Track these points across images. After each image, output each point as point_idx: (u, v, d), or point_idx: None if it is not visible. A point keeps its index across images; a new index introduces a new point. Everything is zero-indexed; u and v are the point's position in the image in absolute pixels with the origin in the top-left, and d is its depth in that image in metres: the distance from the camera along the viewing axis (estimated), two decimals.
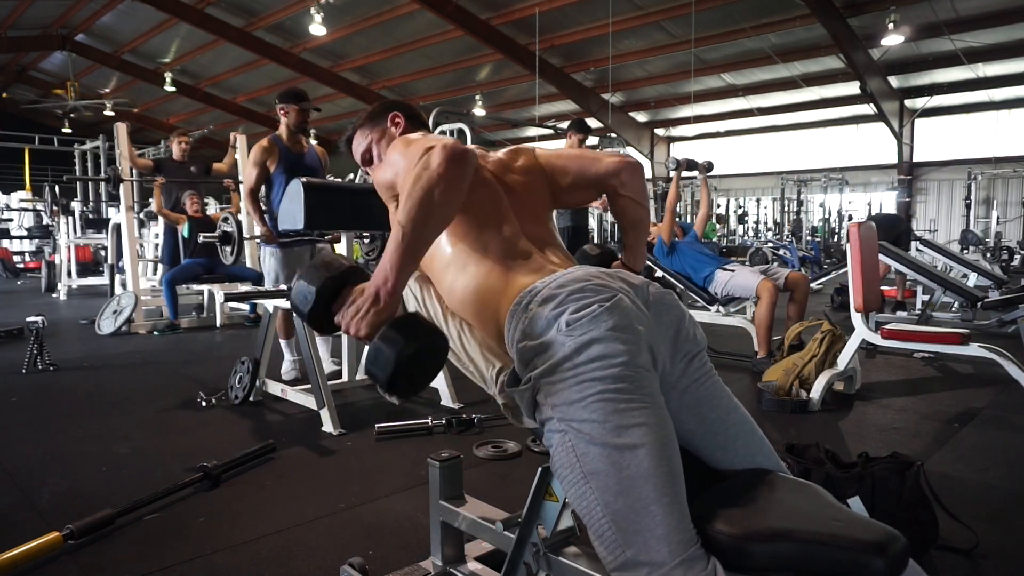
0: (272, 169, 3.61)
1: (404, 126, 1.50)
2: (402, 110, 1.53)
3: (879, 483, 1.76)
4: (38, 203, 12.69)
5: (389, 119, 1.51)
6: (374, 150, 1.52)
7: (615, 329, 1.03)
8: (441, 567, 1.51)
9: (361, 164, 1.56)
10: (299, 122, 3.67)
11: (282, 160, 3.62)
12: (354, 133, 1.56)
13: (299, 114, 3.65)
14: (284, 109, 3.65)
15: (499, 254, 1.24)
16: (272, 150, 3.61)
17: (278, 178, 3.60)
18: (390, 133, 1.50)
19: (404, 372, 1.02)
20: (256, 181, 3.60)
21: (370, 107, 1.57)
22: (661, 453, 0.98)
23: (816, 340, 3.43)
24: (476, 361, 1.31)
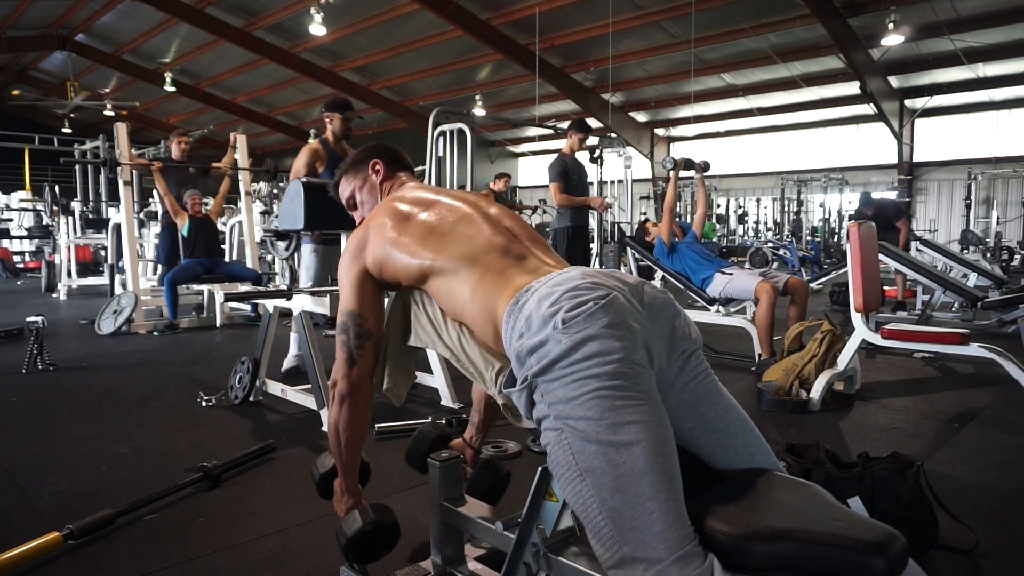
0: (320, 171, 3.76)
1: (383, 172, 1.62)
2: (381, 155, 1.63)
3: (879, 483, 1.76)
4: (38, 203, 12.69)
5: (370, 167, 1.63)
6: (357, 196, 1.65)
7: (610, 326, 1.04)
8: (441, 567, 1.51)
9: (347, 208, 1.68)
10: (343, 130, 3.89)
11: (330, 163, 3.75)
12: (339, 179, 1.68)
13: (343, 122, 3.87)
14: (329, 117, 3.88)
15: (490, 258, 1.27)
16: (321, 153, 3.79)
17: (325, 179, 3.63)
18: (371, 180, 1.63)
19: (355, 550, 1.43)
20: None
21: (355, 153, 1.68)
22: (657, 450, 0.98)
23: (816, 340, 3.43)
24: (476, 361, 1.31)
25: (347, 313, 1.44)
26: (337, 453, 1.49)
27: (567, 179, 4.90)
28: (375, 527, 1.42)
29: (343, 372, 1.43)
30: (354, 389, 1.44)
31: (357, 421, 1.46)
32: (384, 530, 1.45)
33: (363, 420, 1.47)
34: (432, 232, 1.35)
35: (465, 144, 5.92)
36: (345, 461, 1.49)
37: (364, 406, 1.46)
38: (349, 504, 1.51)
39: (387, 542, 1.47)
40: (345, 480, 1.52)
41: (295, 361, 3.90)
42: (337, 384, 1.44)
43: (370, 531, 1.41)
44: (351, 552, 1.43)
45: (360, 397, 1.45)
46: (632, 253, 5.20)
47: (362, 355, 1.43)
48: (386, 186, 1.61)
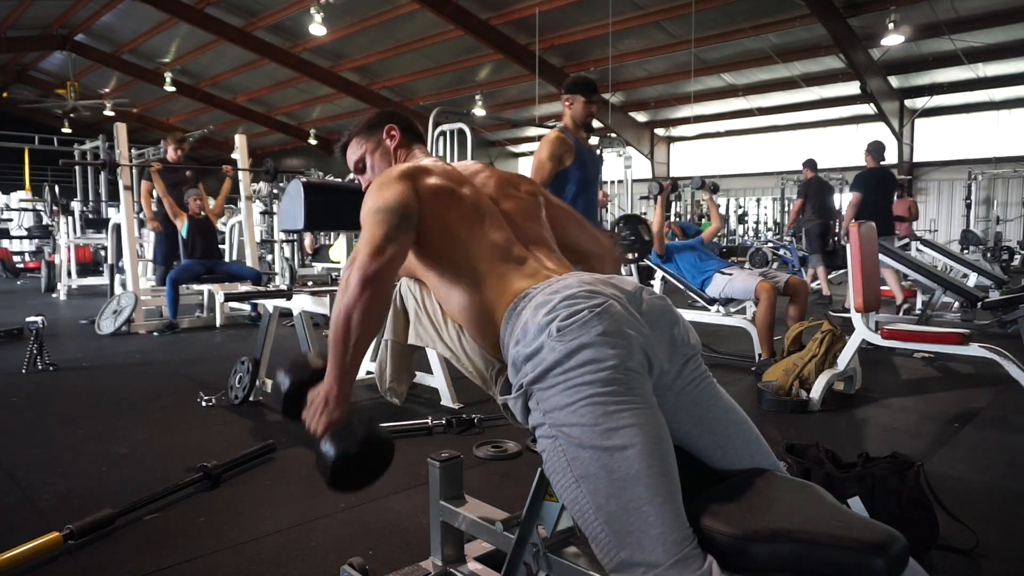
0: (567, 164, 3.16)
1: (399, 139, 1.53)
2: (398, 122, 1.54)
3: (879, 483, 1.76)
4: (38, 203, 12.69)
5: (385, 131, 1.53)
6: (367, 160, 1.54)
7: (605, 334, 1.03)
8: (441, 567, 1.51)
9: (354, 172, 1.58)
10: (584, 115, 3.24)
11: (577, 155, 3.17)
12: (350, 140, 1.58)
13: (585, 107, 3.22)
14: (569, 100, 3.25)
15: (492, 261, 1.25)
16: (567, 144, 3.15)
17: (573, 174, 3.15)
18: (384, 145, 1.53)
19: (342, 474, 1.15)
20: (548, 177, 3.12)
21: (367, 116, 1.58)
22: (652, 453, 0.98)
23: (816, 340, 3.43)
24: (476, 361, 1.31)
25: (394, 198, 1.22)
26: (341, 350, 1.17)
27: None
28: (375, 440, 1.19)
29: (375, 248, 1.16)
30: (385, 270, 1.16)
31: (379, 312, 1.19)
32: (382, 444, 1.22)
33: (384, 313, 1.24)
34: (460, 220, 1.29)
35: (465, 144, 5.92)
36: (349, 361, 1.18)
37: (389, 297, 1.24)
38: (335, 416, 1.19)
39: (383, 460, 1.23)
40: (340, 386, 1.19)
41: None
42: (361, 262, 1.15)
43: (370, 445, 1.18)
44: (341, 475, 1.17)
45: (389, 284, 1.21)
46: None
47: (404, 238, 1.20)
48: (400, 153, 1.53)
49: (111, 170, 5.74)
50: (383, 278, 1.16)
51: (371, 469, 1.21)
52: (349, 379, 1.20)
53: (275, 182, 8.45)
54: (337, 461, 1.15)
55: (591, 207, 3.22)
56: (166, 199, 5.59)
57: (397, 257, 1.19)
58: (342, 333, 1.16)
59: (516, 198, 1.40)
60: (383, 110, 1.60)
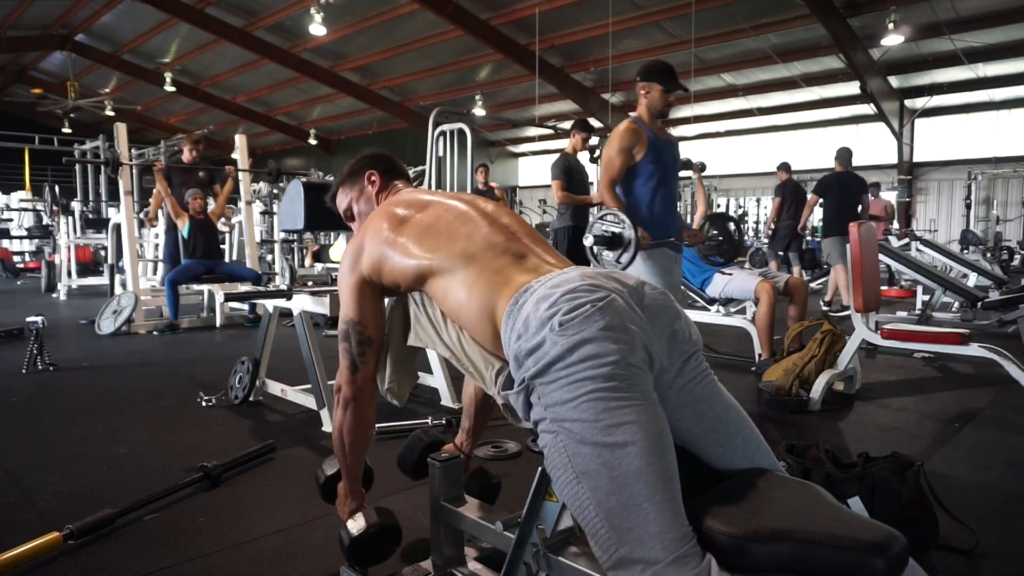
0: (639, 157, 2.97)
1: (379, 183, 1.63)
2: (377, 166, 1.64)
3: (879, 483, 1.76)
4: (38, 203, 12.69)
5: (365, 178, 1.63)
6: (354, 208, 1.66)
7: (607, 329, 1.03)
8: (441, 567, 1.51)
9: (344, 220, 1.69)
10: (662, 106, 3.01)
11: (650, 147, 2.98)
12: (336, 191, 1.69)
13: (663, 96, 3.00)
14: (645, 88, 3.01)
15: (488, 256, 1.27)
16: (639, 135, 2.96)
17: (644, 168, 2.97)
18: (367, 191, 1.64)
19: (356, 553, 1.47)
20: (619, 171, 2.96)
21: (350, 164, 1.69)
22: (652, 450, 0.98)
23: (816, 340, 3.43)
24: (475, 361, 1.31)
25: (347, 321, 1.45)
26: (341, 456, 1.52)
27: (569, 178, 4.91)
28: (378, 530, 1.45)
29: (347, 378, 1.46)
30: (358, 394, 1.46)
31: (361, 425, 1.49)
32: (387, 533, 1.47)
33: (367, 424, 1.50)
34: (428, 231, 1.35)
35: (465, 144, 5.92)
36: (349, 464, 1.53)
37: (368, 411, 1.49)
38: (352, 507, 1.54)
39: (389, 545, 1.49)
40: (349, 483, 1.55)
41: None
42: (342, 389, 1.46)
43: (373, 534, 1.44)
44: (354, 554, 1.46)
45: (364, 402, 1.47)
46: None
47: (364, 362, 1.45)
48: (382, 196, 1.62)
49: (114, 168, 5.71)
50: (359, 398, 1.47)
51: (380, 549, 1.49)
52: (356, 477, 1.55)
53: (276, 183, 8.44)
54: (351, 545, 1.45)
55: (669, 203, 3.04)
56: (169, 199, 5.60)
57: (366, 376, 1.47)
58: (338, 445, 1.51)
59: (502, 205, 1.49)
60: (364, 155, 1.69)
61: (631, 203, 2.99)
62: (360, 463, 1.55)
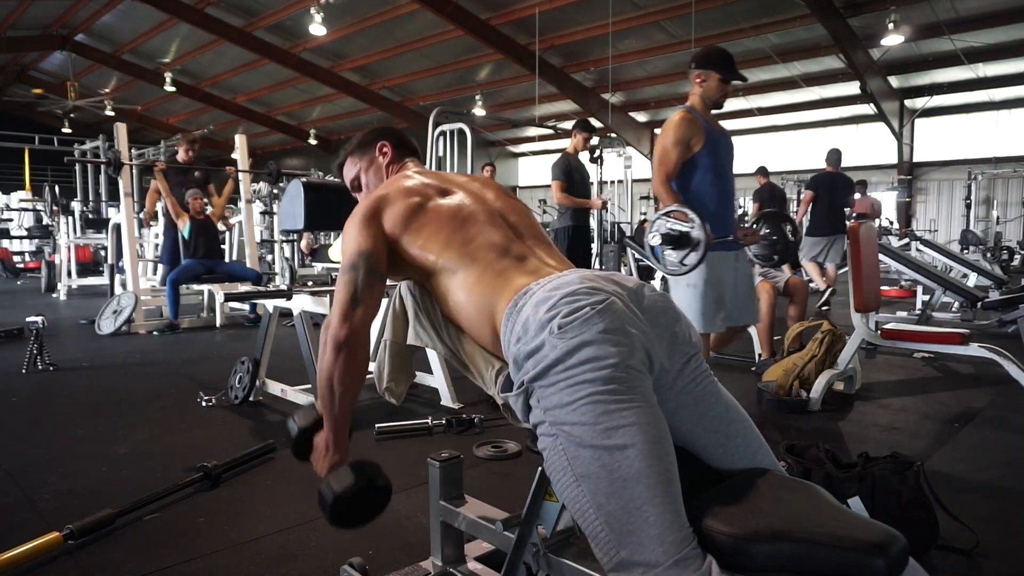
0: (696, 149, 2.78)
1: (391, 155, 1.57)
2: (390, 138, 1.58)
3: (879, 483, 1.76)
4: (38, 203, 12.70)
5: (377, 148, 1.57)
6: (362, 178, 1.59)
7: (606, 332, 1.03)
8: (441, 567, 1.51)
9: (351, 190, 1.62)
10: (719, 96, 2.85)
11: (707, 138, 2.79)
12: (344, 160, 1.62)
13: (720, 87, 2.84)
14: (701, 76, 2.84)
15: (490, 258, 1.25)
16: (696, 125, 2.78)
17: (702, 160, 2.79)
18: (377, 162, 1.57)
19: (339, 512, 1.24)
20: (675, 164, 2.76)
21: (361, 134, 1.62)
22: (652, 452, 0.98)
23: (816, 340, 3.43)
24: (475, 361, 1.31)
25: (358, 252, 1.29)
26: (328, 405, 1.29)
27: (570, 178, 4.91)
28: (367, 484, 1.25)
29: (343, 313, 1.26)
30: (354, 334, 1.26)
31: (355, 371, 1.29)
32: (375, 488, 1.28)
33: (361, 370, 1.32)
34: (439, 228, 1.32)
35: (465, 144, 5.92)
36: (337, 414, 1.30)
37: (364, 355, 1.30)
38: (335, 460, 1.31)
39: (379, 502, 1.29)
40: (334, 435, 1.31)
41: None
42: (333, 328, 1.26)
43: (361, 489, 1.24)
44: (338, 514, 1.25)
45: (360, 344, 1.28)
46: (632, 253, 5.20)
47: (370, 295, 1.28)
48: (392, 169, 1.57)
49: (115, 168, 5.71)
50: (353, 341, 1.26)
51: (367, 509, 1.29)
52: (342, 428, 1.32)
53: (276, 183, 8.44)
54: (334, 502, 1.23)
55: (726, 199, 2.87)
56: (169, 199, 5.60)
57: (366, 316, 1.28)
58: (326, 391, 1.28)
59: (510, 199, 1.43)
60: (376, 127, 1.64)
61: (687, 200, 2.74)
62: (348, 413, 1.33)
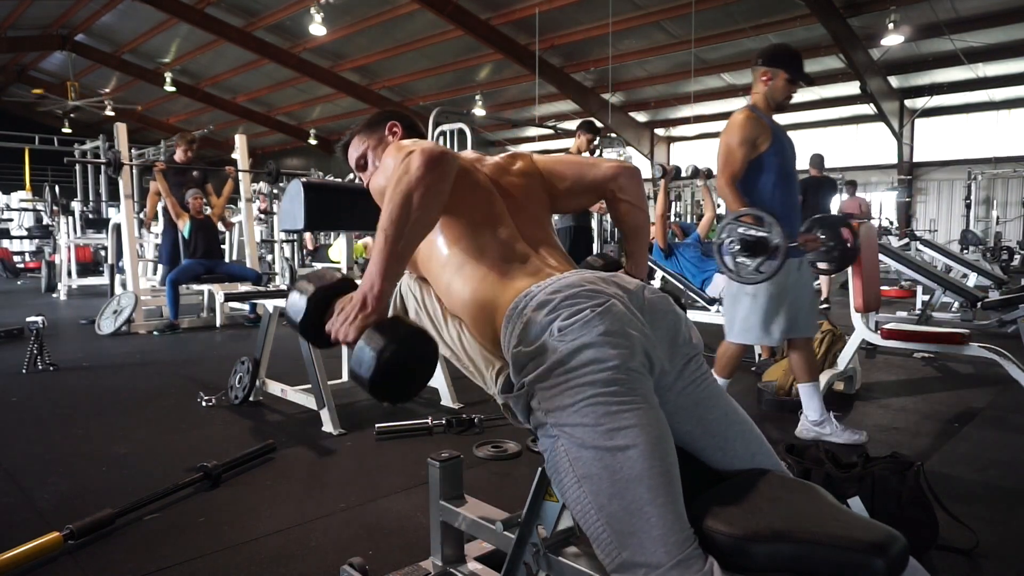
0: (763, 149, 2.67)
1: (401, 135, 1.52)
2: (400, 120, 1.55)
3: (879, 483, 1.76)
4: (38, 203, 12.70)
5: (387, 127, 1.53)
6: (369, 156, 1.54)
7: (607, 334, 1.03)
8: (441, 567, 1.51)
9: (356, 169, 1.58)
10: (785, 95, 2.74)
11: (774, 139, 2.68)
12: (351, 138, 1.57)
13: (787, 86, 2.72)
14: (768, 74, 2.72)
15: (495, 257, 1.24)
16: (761, 124, 2.67)
17: (769, 161, 2.68)
18: (387, 141, 1.51)
19: (387, 372, 0.98)
20: (741, 165, 2.65)
21: (370, 115, 1.59)
22: (654, 453, 0.98)
23: (816, 340, 3.43)
24: (476, 361, 1.31)
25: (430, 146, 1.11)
26: (394, 235, 1.03)
27: None
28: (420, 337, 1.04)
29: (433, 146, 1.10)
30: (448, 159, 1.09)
31: (441, 198, 1.10)
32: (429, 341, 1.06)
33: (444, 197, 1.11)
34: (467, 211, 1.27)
35: (465, 144, 5.92)
36: (402, 249, 1.05)
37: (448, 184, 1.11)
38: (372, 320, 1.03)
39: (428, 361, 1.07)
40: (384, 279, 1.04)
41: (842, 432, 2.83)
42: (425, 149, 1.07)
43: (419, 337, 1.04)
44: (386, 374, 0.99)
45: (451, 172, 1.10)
46: None
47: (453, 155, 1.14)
48: None
49: (115, 169, 5.71)
50: (446, 165, 1.08)
51: (416, 370, 1.05)
52: (396, 274, 1.07)
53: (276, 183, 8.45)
54: (380, 359, 0.97)
55: (792, 202, 2.75)
56: (169, 199, 5.60)
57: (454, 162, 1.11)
58: (398, 214, 1.03)
59: (514, 184, 1.38)
60: (386, 109, 1.61)
61: (752, 203, 2.60)
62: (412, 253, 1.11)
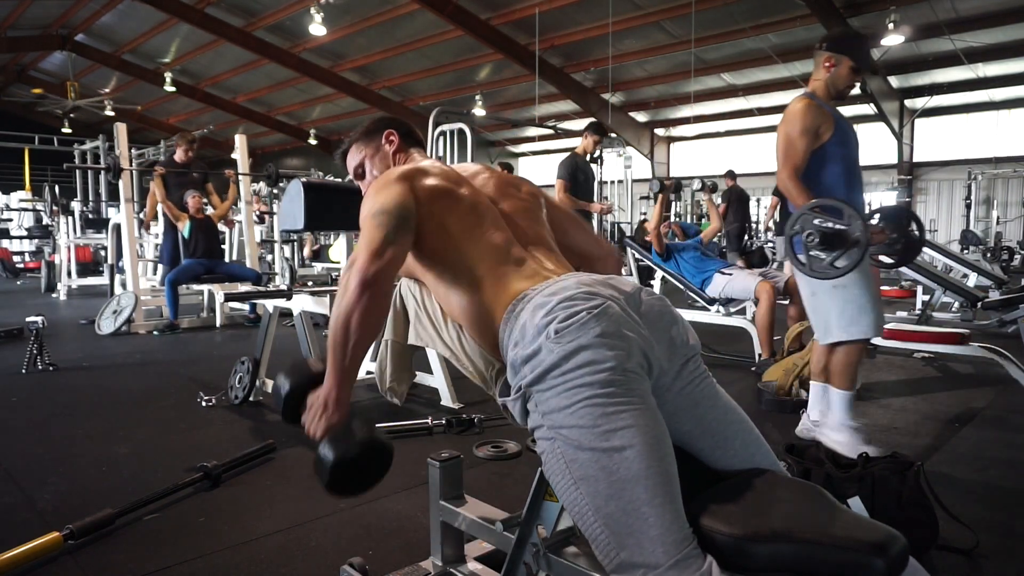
0: (826, 138, 2.52)
1: (398, 144, 1.54)
2: (397, 127, 1.56)
3: (879, 483, 1.76)
4: (38, 203, 12.69)
5: (384, 136, 1.55)
6: (367, 165, 1.56)
7: (603, 336, 1.03)
8: (441, 567, 1.51)
9: (353, 177, 1.60)
10: (847, 84, 2.58)
11: (837, 128, 2.53)
12: (349, 147, 1.60)
13: (851, 74, 2.56)
14: (831, 60, 2.55)
15: (492, 261, 1.25)
16: (823, 112, 2.52)
17: (832, 151, 2.53)
18: (384, 150, 1.54)
19: (339, 481, 1.14)
20: (804, 155, 2.49)
21: (367, 122, 1.61)
22: (651, 454, 0.98)
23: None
24: (476, 361, 1.31)
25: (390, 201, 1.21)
26: (340, 355, 1.16)
27: (574, 179, 4.93)
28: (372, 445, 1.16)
29: (374, 251, 1.15)
30: (384, 273, 1.15)
31: (379, 315, 1.19)
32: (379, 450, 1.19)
33: (383, 316, 1.22)
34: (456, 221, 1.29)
35: (465, 144, 5.92)
36: (347, 364, 1.17)
37: (388, 300, 1.22)
38: (335, 420, 1.18)
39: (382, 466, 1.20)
40: (339, 390, 1.18)
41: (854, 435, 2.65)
42: (361, 264, 1.14)
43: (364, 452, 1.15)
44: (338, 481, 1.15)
45: (388, 287, 1.19)
46: (632, 253, 5.20)
47: (402, 240, 1.20)
48: (399, 158, 1.54)
49: (115, 175, 5.73)
50: (382, 281, 1.15)
51: (369, 474, 1.18)
52: (348, 382, 1.19)
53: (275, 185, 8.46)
54: (335, 465, 1.12)
55: (858, 194, 2.61)
56: (165, 204, 5.62)
57: (396, 259, 1.18)
58: (341, 336, 1.14)
59: (516, 198, 1.40)
60: (382, 116, 1.62)
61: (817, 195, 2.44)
62: (358, 366, 1.20)
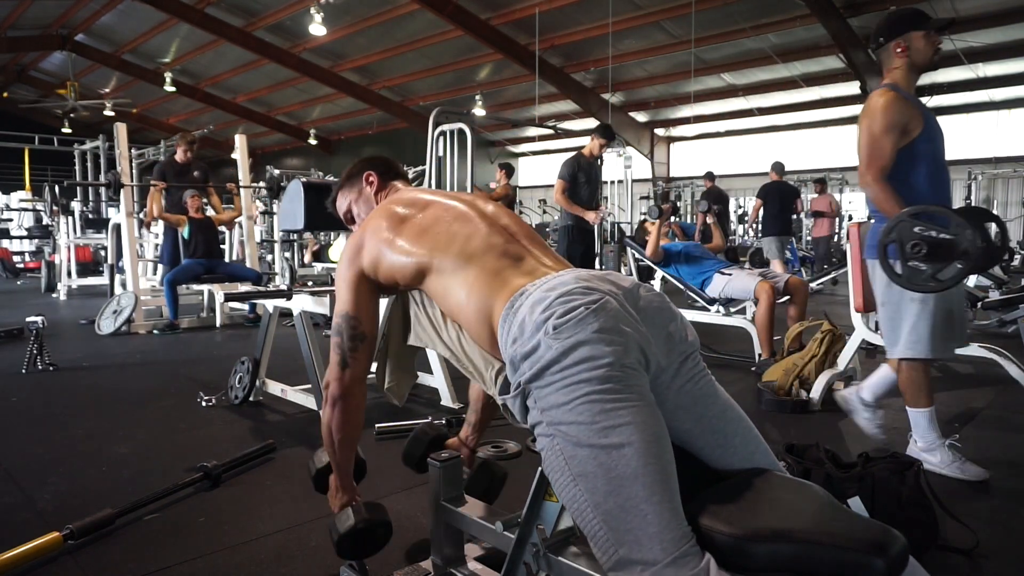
0: (915, 134, 2.23)
1: (377, 183, 1.66)
2: (374, 167, 1.67)
3: (879, 483, 1.76)
4: (38, 203, 12.69)
5: (364, 179, 1.66)
6: (354, 209, 1.69)
7: (601, 331, 1.04)
8: (441, 567, 1.51)
9: (345, 223, 1.72)
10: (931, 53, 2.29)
11: (926, 123, 2.25)
12: (336, 195, 1.72)
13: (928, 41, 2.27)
14: (902, 43, 2.28)
15: (488, 259, 1.26)
16: (909, 105, 2.24)
17: (921, 149, 2.26)
18: (366, 192, 1.67)
19: (346, 548, 1.46)
20: (891, 155, 2.22)
21: (348, 168, 1.73)
22: (649, 451, 0.98)
23: (816, 340, 3.43)
24: (475, 361, 1.32)
25: (342, 315, 1.43)
26: (331, 452, 1.50)
27: (574, 180, 4.92)
28: (367, 525, 1.44)
29: (336, 374, 1.43)
30: (347, 392, 1.43)
31: (350, 423, 1.46)
32: (376, 528, 1.46)
33: (356, 422, 1.48)
34: (428, 231, 1.35)
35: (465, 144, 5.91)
36: (339, 460, 1.51)
37: (356, 408, 1.47)
38: (343, 501, 1.52)
39: (378, 540, 1.48)
40: (339, 478, 1.53)
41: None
42: (330, 386, 1.44)
43: (362, 528, 1.43)
44: (343, 548, 1.45)
45: (353, 400, 1.45)
46: (632, 253, 5.20)
47: (355, 358, 1.42)
48: (380, 196, 1.64)
49: (115, 191, 5.75)
50: (347, 396, 1.44)
51: (368, 544, 1.47)
52: (345, 473, 1.53)
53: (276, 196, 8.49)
54: (339, 539, 1.44)
55: (945, 194, 2.38)
56: (162, 217, 5.67)
57: (355, 375, 1.43)
58: (327, 440, 1.48)
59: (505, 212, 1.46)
60: (362, 159, 1.72)
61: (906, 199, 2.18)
62: (350, 459, 1.53)
